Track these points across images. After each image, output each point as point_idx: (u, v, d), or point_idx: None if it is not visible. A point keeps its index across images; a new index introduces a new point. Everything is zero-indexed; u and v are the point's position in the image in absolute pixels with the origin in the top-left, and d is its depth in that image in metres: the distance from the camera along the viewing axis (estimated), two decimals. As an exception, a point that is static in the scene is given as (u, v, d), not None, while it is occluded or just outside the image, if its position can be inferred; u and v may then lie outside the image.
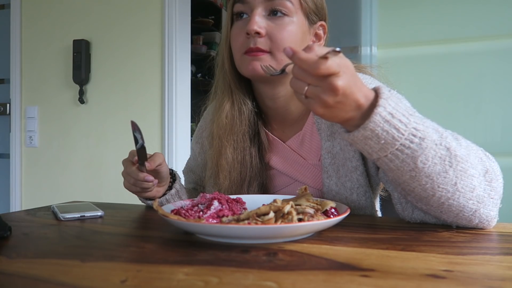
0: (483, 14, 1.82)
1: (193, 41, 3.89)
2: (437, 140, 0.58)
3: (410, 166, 0.58)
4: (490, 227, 0.65)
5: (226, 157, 0.87)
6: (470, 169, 0.60)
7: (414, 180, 0.60)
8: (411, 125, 0.56)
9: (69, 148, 2.21)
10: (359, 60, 1.97)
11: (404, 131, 0.56)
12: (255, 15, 0.79)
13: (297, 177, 0.88)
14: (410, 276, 0.42)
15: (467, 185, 0.60)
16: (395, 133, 0.56)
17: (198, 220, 0.59)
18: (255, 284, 0.41)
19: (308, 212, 0.60)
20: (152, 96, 2.05)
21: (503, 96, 1.81)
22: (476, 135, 1.83)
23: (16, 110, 2.27)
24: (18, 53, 2.26)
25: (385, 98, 0.56)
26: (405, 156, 0.57)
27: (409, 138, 0.56)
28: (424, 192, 0.61)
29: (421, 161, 0.57)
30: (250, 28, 0.78)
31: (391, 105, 0.56)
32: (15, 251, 0.54)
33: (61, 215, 0.75)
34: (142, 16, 2.07)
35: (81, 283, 0.42)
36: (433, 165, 0.58)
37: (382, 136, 0.56)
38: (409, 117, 0.57)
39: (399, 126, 0.56)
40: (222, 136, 0.88)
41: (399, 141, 0.56)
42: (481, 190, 0.61)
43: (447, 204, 0.61)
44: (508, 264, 0.47)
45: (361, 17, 1.98)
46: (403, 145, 0.57)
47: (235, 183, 0.88)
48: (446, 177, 0.59)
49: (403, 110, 0.57)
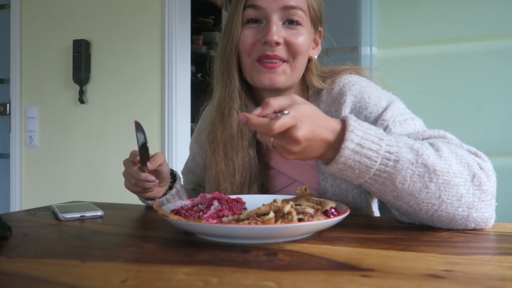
0: (483, 14, 1.82)
1: (193, 41, 3.89)
2: (412, 159, 0.58)
3: (390, 187, 0.59)
4: (489, 227, 0.65)
5: (232, 162, 0.87)
6: (453, 179, 0.60)
7: (398, 199, 0.61)
8: (382, 150, 0.57)
9: (69, 148, 2.21)
10: (359, 60, 1.97)
11: (376, 158, 0.57)
12: (273, 24, 0.80)
13: (296, 177, 0.89)
14: (410, 276, 0.42)
15: (453, 195, 0.60)
16: (367, 162, 0.57)
17: (198, 220, 0.59)
18: (255, 284, 0.41)
19: (308, 212, 0.60)
20: (152, 96, 2.05)
21: (503, 96, 1.81)
22: (476, 135, 1.83)
23: (16, 110, 2.26)
24: (18, 53, 2.26)
25: (351, 130, 0.57)
26: (383, 179, 0.59)
27: (383, 163, 0.58)
28: (410, 208, 0.62)
29: (399, 182, 0.58)
30: (270, 39, 0.79)
31: (358, 135, 0.57)
32: (15, 251, 0.54)
33: (61, 215, 0.75)
34: (142, 16, 2.07)
35: (81, 283, 0.42)
36: (412, 183, 0.59)
37: (355, 166, 0.58)
38: (380, 142, 0.58)
39: (370, 154, 0.57)
40: (230, 142, 0.87)
41: (374, 167, 0.58)
42: (470, 196, 0.61)
43: (436, 215, 0.62)
44: (508, 264, 0.47)
45: (361, 17, 1.98)
46: (379, 170, 0.58)
47: (237, 186, 0.88)
48: (429, 192, 0.59)
49: (373, 136, 0.58)
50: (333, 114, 0.85)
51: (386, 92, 0.85)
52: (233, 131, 0.87)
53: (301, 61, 0.85)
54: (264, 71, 0.81)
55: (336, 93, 0.86)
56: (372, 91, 0.83)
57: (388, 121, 0.77)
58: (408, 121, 0.78)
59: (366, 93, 0.83)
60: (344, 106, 0.83)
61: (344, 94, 0.84)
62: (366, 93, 0.83)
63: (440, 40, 1.88)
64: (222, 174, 0.88)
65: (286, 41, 0.81)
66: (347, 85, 0.85)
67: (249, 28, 0.83)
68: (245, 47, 0.83)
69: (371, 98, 0.82)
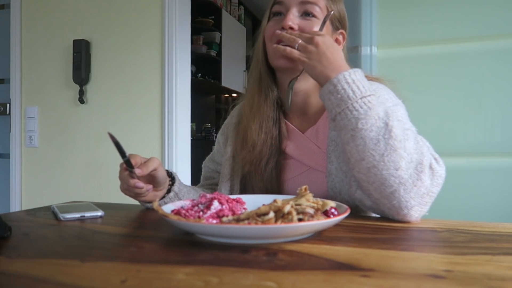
0: (483, 14, 1.82)
1: (193, 41, 3.89)
2: (381, 114, 0.71)
3: (352, 125, 0.71)
4: (411, 219, 0.70)
5: (252, 132, 0.95)
6: (400, 150, 0.68)
7: (352, 140, 0.72)
8: (366, 95, 0.72)
9: (69, 148, 2.21)
10: (359, 60, 1.97)
11: (358, 95, 0.72)
12: (290, 13, 0.90)
13: (312, 164, 0.93)
14: (410, 276, 0.42)
15: (393, 161, 0.68)
16: (350, 94, 0.72)
17: (198, 220, 0.59)
18: (255, 284, 0.41)
19: (308, 212, 0.60)
20: (152, 96, 2.05)
21: (503, 96, 1.81)
22: (476, 135, 1.83)
23: (16, 110, 2.27)
24: (18, 53, 2.26)
25: (354, 70, 0.74)
26: (352, 116, 0.71)
27: (359, 102, 0.71)
28: (357, 154, 0.71)
29: (361, 123, 0.70)
30: (285, 24, 0.89)
31: (357, 76, 0.74)
32: (15, 251, 0.54)
33: (61, 215, 0.75)
34: (142, 16, 2.07)
35: (81, 283, 0.42)
36: (369, 130, 0.70)
37: (340, 91, 0.72)
38: (367, 91, 0.72)
39: (355, 90, 0.72)
40: (250, 114, 0.97)
41: (352, 101, 0.72)
42: (406, 174, 0.68)
43: (372, 172, 0.70)
44: (508, 264, 0.47)
45: (361, 17, 1.98)
46: (354, 107, 0.71)
47: (256, 159, 0.95)
48: (376, 145, 0.69)
49: (365, 84, 0.73)
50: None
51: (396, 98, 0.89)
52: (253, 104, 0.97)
53: None
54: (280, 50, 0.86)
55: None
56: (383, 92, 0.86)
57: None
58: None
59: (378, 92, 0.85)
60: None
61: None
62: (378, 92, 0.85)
63: (440, 40, 1.88)
64: (246, 141, 0.96)
65: (300, 28, 0.90)
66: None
67: (273, 20, 0.94)
68: (268, 34, 0.94)
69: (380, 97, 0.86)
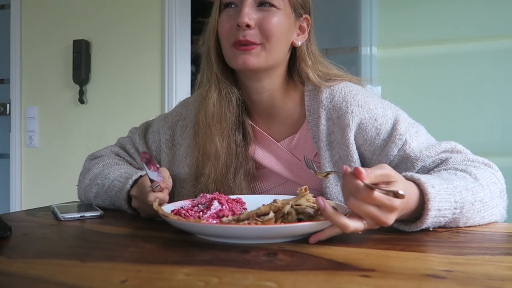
0: (483, 14, 1.82)
1: (193, 41, 3.88)
2: (472, 199, 0.66)
3: (453, 224, 0.66)
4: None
5: (215, 144, 0.86)
6: (492, 201, 0.69)
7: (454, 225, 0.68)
8: (453, 206, 0.63)
9: (69, 148, 2.21)
10: (359, 60, 1.97)
11: (449, 214, 0.63)
12: (245, 6, 0.80)
13: (291, 177, 0.89)
14: (410, 276, 0.42)
15: (492, 213, 0.69)
16: (442, 220, 0.64)
17: (198, 220, 0.59)
18: (255, 284, 0.41)
19: (308, 212, 0.60)
20: (152, 96, 2.05)
21: (503, 96, 1.80)
22: (476, 135, 1.83)
23: (16, 110, 2.26)
24: (18, 53, 2.26)
25: (432, 198, 0.61)
26: (450, 222, 0.65)
27: (453, 213, 0.64)
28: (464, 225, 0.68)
29: (463, 222, 0.66)
30: (241, 21, 0.79)
31: (436, 200, 0.61)
32: (15, 251, 0.54)
33: (61, 215, 0.75)
34: (142, 16, 2.07)
35: (81, 283, 0.42)
36: (472, 219, 0.67)
37: (433, 224, 0.63)
38: (450, 198, 0.63)
39: (446, 214, 0.63)
40: (210, 123, 0.87)
41: (446, 220, 0.64)
42: (500, 207, 0.71)
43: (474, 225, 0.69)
44: (508, 264, 0.47)
45: (361, 17, 1.97)
46: (449, 219, 0.64)
47: (221, 171, 0.87)
48: (481, 218, 0.68)
49: (446, 195, 0.63)
50: (334, 121, 0.84)
51: (386, 102, 0.86)
52: (212, 112, 0.86)
53: (276, 43, 0.82)
54: (238, 53, 0.81)
55: (339, 100, 0.85)
56: (376, 102, 0.85)
57: (405, 135, 0.80)
58: (419, 132, 0.82)
59: (372, 104, 0.84)
60: (351, 116, 0.83)
61: (349, 103, 0.84)
62: (372, 104, 0.84)
63: (440, 40, 1.88)
64: (208, 156, 0.86)
65: (258, 23, 0.81)
66: (349, 93, 0.85)
67: (225, 13, 0.84)
68: (222, 32, 0.83)
69: (378, 109, 0.83)
